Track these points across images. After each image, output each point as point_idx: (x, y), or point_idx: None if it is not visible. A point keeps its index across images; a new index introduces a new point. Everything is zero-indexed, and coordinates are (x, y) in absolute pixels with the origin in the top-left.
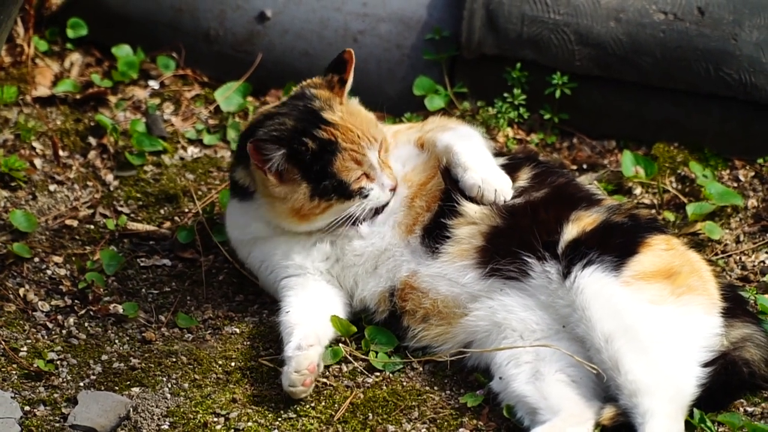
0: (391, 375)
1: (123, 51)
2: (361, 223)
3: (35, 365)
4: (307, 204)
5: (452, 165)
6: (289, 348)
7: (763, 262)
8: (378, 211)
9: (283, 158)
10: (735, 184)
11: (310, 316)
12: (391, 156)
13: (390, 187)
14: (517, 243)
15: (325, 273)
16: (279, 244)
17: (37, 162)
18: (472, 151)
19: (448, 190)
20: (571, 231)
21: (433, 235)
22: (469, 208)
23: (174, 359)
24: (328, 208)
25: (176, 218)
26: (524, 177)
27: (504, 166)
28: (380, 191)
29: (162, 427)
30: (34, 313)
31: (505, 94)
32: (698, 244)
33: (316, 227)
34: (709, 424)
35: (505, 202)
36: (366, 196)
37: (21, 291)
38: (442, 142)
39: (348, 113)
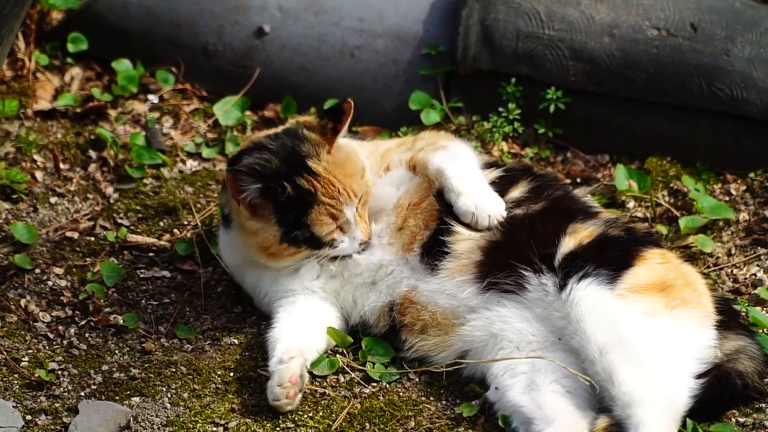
0: (387, 385)
1: (123, 65)
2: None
3: (36, 375)
4: (275, 245)
5: (445, 189)
6: (272, 363)
7: (755, 275)
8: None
9: (258, 193)
10: (727, 198)
11: (294, 330)
12: (384, 179)
13: (360, 241)
14: (514, 256)
15: (319, 291)
16: (267, 270)
17: (38, 175)
18: (465, 175)
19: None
20: (568, 244)
21: (432, 252)
22: (463, 232)
23: (173, 369)
24: (297, 253)
25: (175, 230)
26: (521, 189)
27: (501, 179)
28: (350, 244)
29: None
30: (35, 323)
31: (500, 109)
32: (691, 257)
33: (282, 266)
34: None
35: (498, 224)
36: (335, 247)
37: (22, 302)
38: (434, 165)
39: (333, 164)
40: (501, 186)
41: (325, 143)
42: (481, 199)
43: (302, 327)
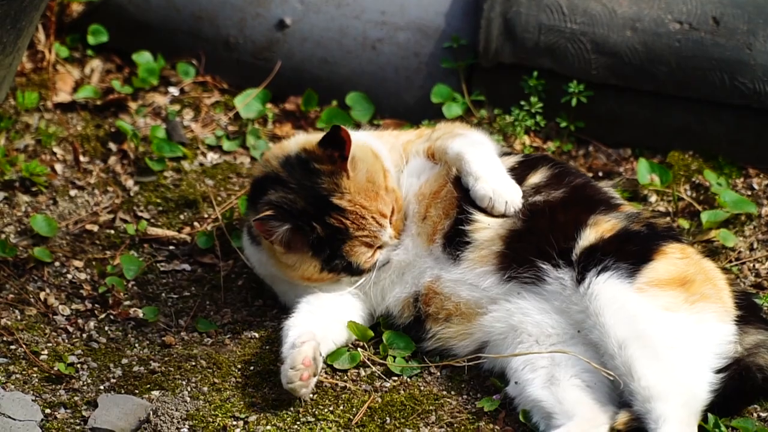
0: (408, 379)
1: (143, 58)
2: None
3: (56, 368)
4: (316, 275)
5: (463, 173)
6: (285, 348)
7: None
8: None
9: (289, 233)
10: (749, 192)
11: (311, 319)
12: (404, 171)
13: (393, 246)
14: (534, 248)
15: (350, 289)
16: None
17: (58, 167)
18: (483, 160)
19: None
20: (588, 236)
21: (454, 242)
22: (481, 219)
23: (193, 363)
24: (339, 278)
25: (196, 223)
26: (541, 175)
27: (520, 164)
28: (387, 252)
29: (181, 430)
30: (54, 316)
31: (522, 102)
32: (712, 251)
33: (325, 288)
34: (723, 429)
35: (514, 212)
36: (376, 264)
37: (42, 295)
38: (453, 150)
39: (356, 191)
40: (520, 171)
41: (340, 170)
42: (498, 184)
43: (320, 317)
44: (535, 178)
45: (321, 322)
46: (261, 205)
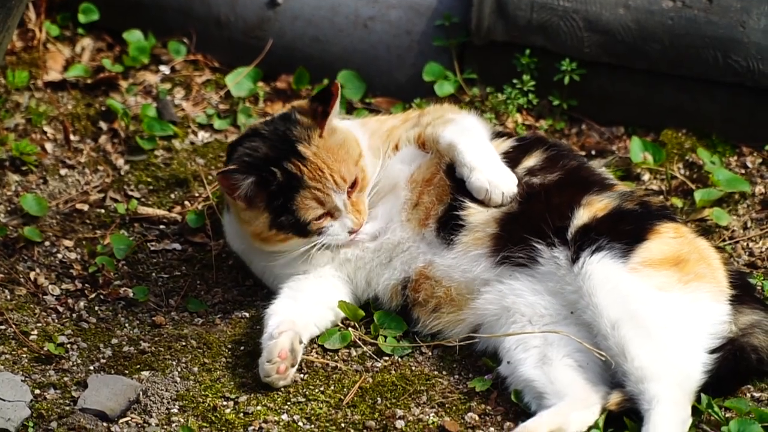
0: (399, 359)
1: (134, 36)
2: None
3: (45, 349)
4: (266, 231)
5: (457, 164)
6: (263, 339)
7: None
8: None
9: (252, 185)
10: (742, 171)
11: (291, 305)
12: (395, 157)
13: (351, 229)
14: (528, 229)
15: (331, 271)
16: (277, 256)
17: (48, 146)
18: (477, 149)
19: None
20: (582, 216)
21: (448, 226)
22: (475, 207)
23: (184, 343)
24: (287, 240)
25: (186, 203)
26: (536, 159)
27: (515, 148)
28: (339, 229)
29: (171, 410)
30: (44, 296)
31: (515, 80)
32: (706, 230)
33: (280, 251)
34: (716, 409)
35: (511, 201)
36: (325, 234)
37: (32, 275)
38: (445, 140)
39: (325, 148)
40: (515, 155)
41: (316, 126)
42: (494, 175)
43: (302, 302)
44: (530, 161)
45: (302, 307)
46: (227, 167)
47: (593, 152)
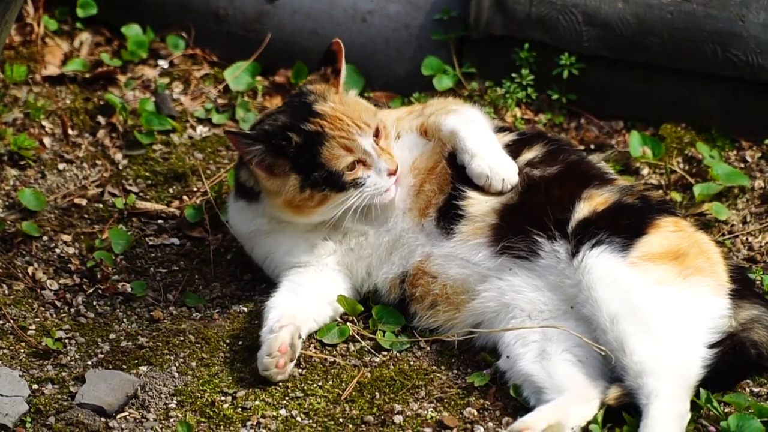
0: (398, 354)
1: (132, 30)
2: (369, 214)
3: (43, 344)
4: (297, 196)
5: (458, 151)
6: (263, 332)
7: None
8: (382, 208)
9: (264, 153)
10: (742, 165)
11: (291, 299)
12: (396, 144)
13: (388, 171)
14: (529, 221)
15: (332, 264)
16: (282, 241)
17: (47, 141)
18: (479, 137)
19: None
20: (582, 210)
21: (448, 215)
22: (475, 197)
23: (182, 338)
24: (324, 201)
25: (185, 197)
26: (536, 152)
27: (515, 142)
28: (378, 177)
29: (169, 405)
30: (42, 291)
31: (513, 75)
32: (705, 224)
33: (315, 220)
34: (715, 404)
35: (511, 188)
36: (363, 185)
37: (30, 269)
38: (447, 127)
39: (341, 103)
40: (515, 148)
41: (330, 86)
42: (495, 161)
43: (302, 296)
44: (530, 154)
45: (302, 302)
46: (227, 132)
47: (592, 146)
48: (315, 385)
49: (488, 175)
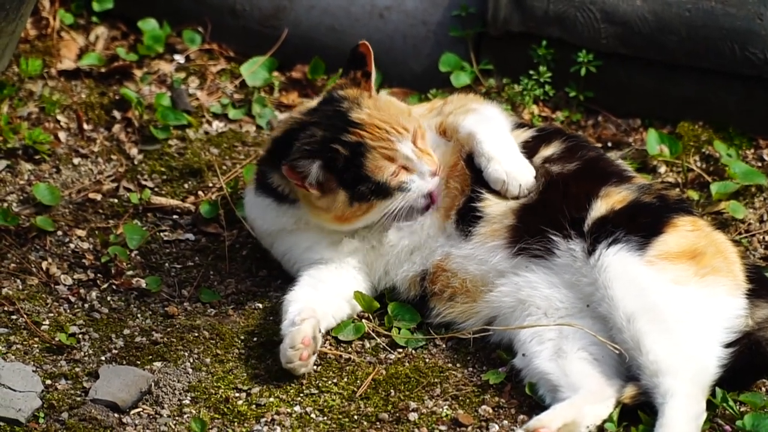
0: (413, 351)
1: (149, 25)
2: (410, 217)
3: (57, 339)
4: (347, 210)
5: (475, 154)
6: (284, 325)
7: None
8: (426, 208)
9: (320, 169)
10: (759, 164)
11: (311, 294)
12: None
13: (431, 173)
14: (545, 220)
15: (353, 262)
16: (304, 238)
17: (62, 135)
18: (496, 139)
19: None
20: (599, 208)
21: (467, 218)
22: (492, 199)
23: (196, 334)
24: (370, 209)
25: (200, 193)
26: (554, 148)
27: (534, 138)
28: (421, 180)
29: (183, 401)
30: (56, 286)
31: (531, 72)
32: (722, 223)
33: (359, 226)
34: (731, 403)
35: (528, 193)
36: (408, 190)
37: (44, 264)
38: (465, 129)
39: (376, 108)
40: (533, 145)
41: (363, 91)
42: (512, 166)
43: (321, 292)
44: (548, 150)
45: (322, 297)
46: (285, 161)
47: (609, 144)
48: (330, 382)
49: (505, 180)
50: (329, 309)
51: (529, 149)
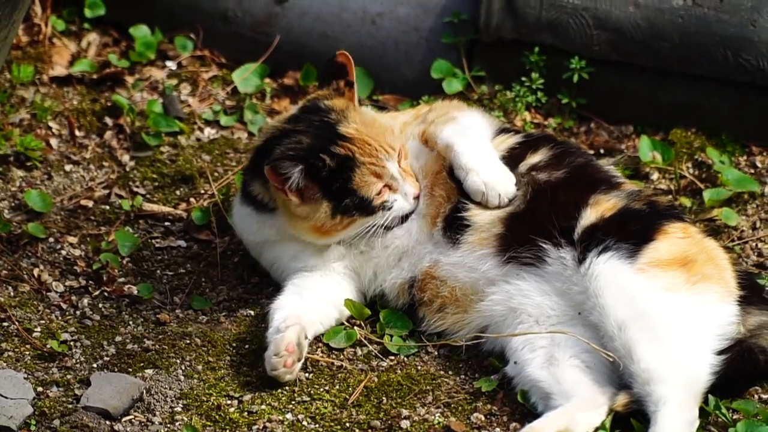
0: (405, 359)
1: (141, 31)
2: (385, 233)
3: (48, 346)
4: (328, 222)
5: (454, 166)
6: (269, 333)
7: None
8: (403, 219)
9: (302, 174)
10: (752, 171)
11: (297, 301)
12: None
13: (413, 195)
14: (535, 228)
15: (340, 269)
16: (289, 247)
17: (53, 142)
18: (473, 150)
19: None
20: (589, 216)
21: (454, 225)
22: (475, 209)
23: (188, 341)
24: (351, 224)
25: (192, 199)
26: (542, 155)
27: (521, 144)
28: (404, 201)
29: (175, 409)
30: (48, 293)
31: (523, 78)
32: (714, 230)
33: (337, 240)
34: (723, 411)
35: (509, 202)
36: (390, 208)
37: (35, 271)
38: (443, 141)
39: (363, 124)
40: (520, 152)
41: (348, 102)
42: (491, 176)
43: (307, 299)
44: (536, 158)
45: (307, 304)
46: (268, 161)
47: (602, 151)
48: (322, 390)
49: (483, 191)
50: (315, 315)
51: (515, 156)
